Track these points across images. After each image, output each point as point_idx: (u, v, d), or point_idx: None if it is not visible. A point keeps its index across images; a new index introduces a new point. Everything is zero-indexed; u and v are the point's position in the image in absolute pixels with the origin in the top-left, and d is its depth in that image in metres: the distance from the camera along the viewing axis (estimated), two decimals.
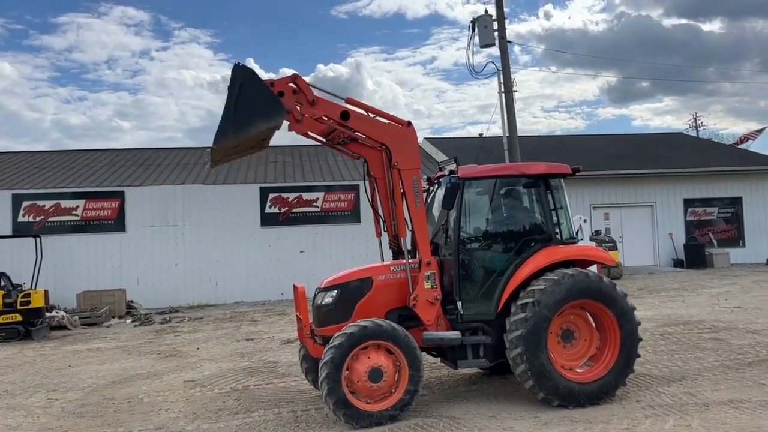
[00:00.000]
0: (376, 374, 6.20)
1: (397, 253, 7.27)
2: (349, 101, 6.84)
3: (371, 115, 6.87)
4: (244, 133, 6.34)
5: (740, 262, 22.95)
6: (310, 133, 6.84)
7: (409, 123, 6.83)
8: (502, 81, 20.05)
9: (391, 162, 6.76)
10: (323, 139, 7.06)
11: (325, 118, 6.64)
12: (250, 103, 6.27)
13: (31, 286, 14.33)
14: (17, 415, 7.42)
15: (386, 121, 6.87)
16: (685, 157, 25.44)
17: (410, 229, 6.88)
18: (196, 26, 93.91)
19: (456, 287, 6.77)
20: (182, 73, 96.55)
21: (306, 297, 6.99)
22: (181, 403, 7.58)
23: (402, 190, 6.77)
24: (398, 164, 6.71)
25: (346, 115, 6.65)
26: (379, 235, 7.44)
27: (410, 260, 6.93)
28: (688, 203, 23.60)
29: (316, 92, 6.68)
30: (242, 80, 6.32)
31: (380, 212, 7.30)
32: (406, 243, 7.02)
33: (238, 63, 6.41)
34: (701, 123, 53.81)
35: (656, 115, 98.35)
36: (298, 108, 6.56)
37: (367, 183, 7.30)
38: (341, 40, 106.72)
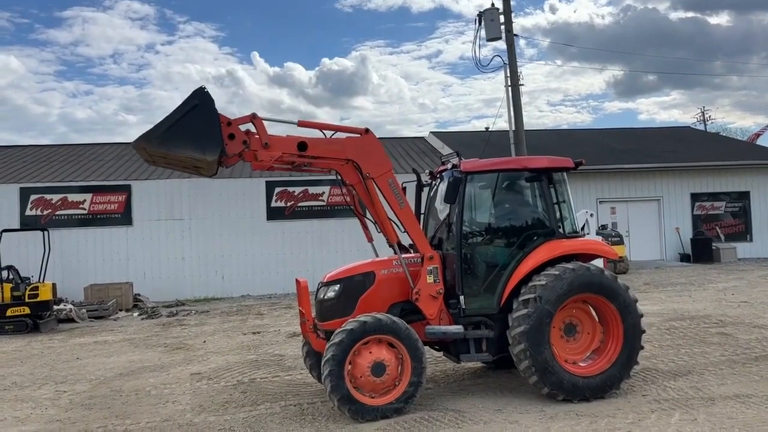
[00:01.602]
0: (378, 368, 6.23)
1: (399, 248, 7.28)
2: (301, 124, 6.72)
3: (328, 134, 6.76)
4: (167, 148, 6.16)
5: (747, 257, 22.85)
6: (275, 165, 6.68)
7: (367, 130, 6.74)
8: (508, 74, 19.98)
9: (362, 174, 6.69)
10: (289, 167, 6.95)
11: (284, 155, 6.48)
12: (191, 127, 6.07)
13: (39, 279, 14.44)
14: (26, 407, 7.49)
15: (344, 134, 6.74)
16: (692, 151, 25.29)
17: (403, 230, 6.91)
18: (200, 20, 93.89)
19: (458, 282, 6.78)
20: (187, 67, 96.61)
21: (309, 291, 7.01)
22: (188, 396, 7.63)
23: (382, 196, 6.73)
24: (370, 174, 6.66)
25: (303, 145, 6.51)
26: (370, 240, 7.44)
27: (411, 255, 6.94)
28: (696, 197, 23.49)
29: (272, 127, 6.51)
30: (198, 103, 6.13)
31: (368, 216, 7.23)
32: (395, 243, 6.97)
33: (203, 87, 6.24)
34: (709, 117, 53.58)
35: (663, 109, 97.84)
36: (250, 151, 6.32)
37: (345, 194, 7.21)
38: (346, 33, 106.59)
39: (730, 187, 23.69)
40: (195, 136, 6.09)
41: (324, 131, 6.79)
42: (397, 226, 6.93)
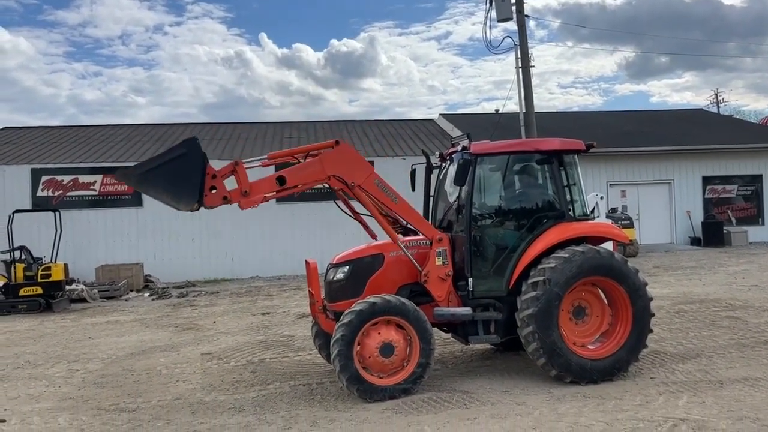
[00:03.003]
0: (387, 349, 6.26)
1: (407, 232, 7.28)
2: (271, 157, 6.65)
3: (300, 158, 6.71)
4: (143, 189, 6.17)
5: (759, 241, 22.70)
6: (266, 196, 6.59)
7: (337, 141, 6.65)
8: (519, 56, 19.79)
9: (348, 185, 6.65)
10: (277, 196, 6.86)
11: (266, 196, 6.45)
12: (171, 175, 6.02)
13: (51, 259, 14.59)
14: (39, 385, 7.60)
15: (316, 152, 6.67)
16: (704, 134, 25.03)
17: (406, 224, 6.92)
18: (209, 1, 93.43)
19: (467, 264, 6.78)
20: (196, 49, 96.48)
21: (318, 272, 7.04)
22: (198, 375, 7.72)
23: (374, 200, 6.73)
24: (355, 183, 6.62)
25: (282, 179, 6.44)
26: (374, 237, 7.45)
27: (419, 237, 6.95)
28: (707, 181, 23.31)
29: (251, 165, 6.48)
30: (186, 152, 6.05)
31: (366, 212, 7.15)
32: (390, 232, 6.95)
33: (196, 138, 6.17)
34: (722, 99, 52.87)
35: (675, 91, 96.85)
36: (231, 198, 6.26)
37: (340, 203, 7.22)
38: (354, 14, 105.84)
39: (743, 171, 23.47)
40: (173, 184, 6.06)
41: (296, 155, 6.77)
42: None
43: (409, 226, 7.16)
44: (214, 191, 6.22)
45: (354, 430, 5.55)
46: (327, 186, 6.80)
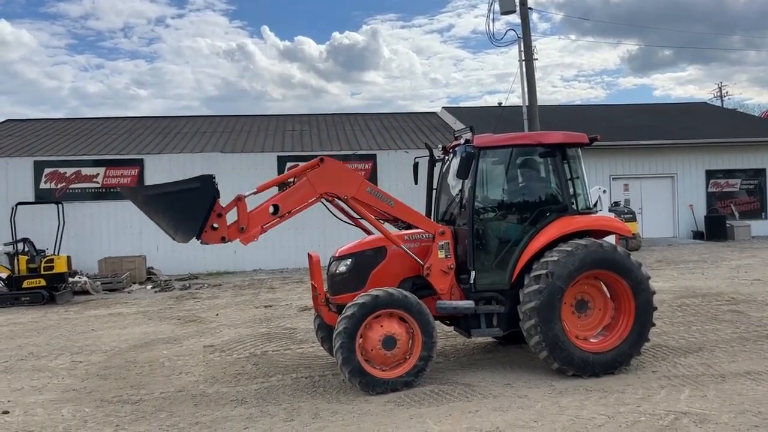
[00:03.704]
0: (389, 342, 6.27)
1: (410, 225, 7.27)
2: (260, 189, 6.60)
3: (290, 182, 6.67)
4: (145, 211, 6.17)
5: (762, 235, 22.64)
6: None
7: (322, 159, 6.59)
8: (522, 49, 19.71)
9: (341, 199, 6.65)
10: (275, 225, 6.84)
11: (264, 227, 6.47)
12: (177, 206, 6.01)
13: (54, 251, 14.61)
14: (43, 377, 7.63)
15: (303, 173, 6.62)
16: (708, 128, 24.95)
17: (405, 224, 6.94)
18: None
19: (470, 257, 6.77)
20: (198, 41, 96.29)
21: (321, 265, 7.04)
22: (201, 367, 7.74)
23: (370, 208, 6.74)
24: (348, 196, 6.62)
25: (276, 207, 6.43)
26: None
27: (421, 230, 6.95)
28: (711, 174, 23.24)
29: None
30: (200, 187, 6.07)
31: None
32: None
33: (213, 177, 6.18)
34: (726, 93, 52.69)
35: (679, 84, 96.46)
36: (229, 237, 6.30)
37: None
38: (357, 7, 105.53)
39: (746, 164, 23.40)
40: (177, 215, 6.06)
41: (286, 180, 6.74)
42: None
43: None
44: (214, 229, 6.21)
45: (356, 422, 5.57)
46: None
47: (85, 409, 6.31)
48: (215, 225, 6.21)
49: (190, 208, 6.06)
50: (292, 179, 6.77)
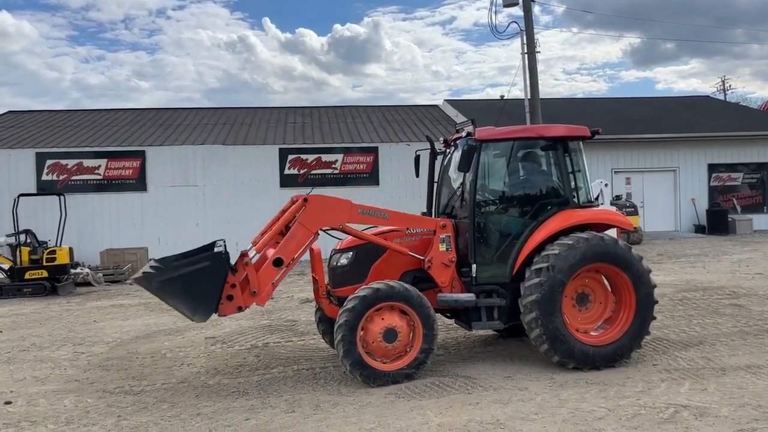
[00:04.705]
0: (390, 334, 6.29)
1: None
2: (259, 249, 6.67)
3: (284, 228, 6.68)
4: (161, 297, 6.27)
5: (763, 229, 22.62)
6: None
7: (305, 198, 6.62)
8: (524, 41, 19.64)
9: (337, 229, 6.74)
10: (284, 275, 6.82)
11: (273, 283, 6.51)
12: (193, 288, 6.07)
13: (56, 243, 14.64)
14: (45, 367, 7.66)
15: (294, 218, 6.64)
16: (710, 121, 24.86)
17: (407, 230, 6.98)
18: None
19: (471, 250, 6.78)
20: (199, 33, 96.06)
21: (322, 258, 7.05)
22: (202, 359, 7.77)
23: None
24: (342, 224, 6.69)
25: (279, 261, 6.47)
26: None
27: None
28: (713, 168, 23.17)
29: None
30: (213, 263, 6.20)
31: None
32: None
33: (223, 254, 6.29)
34: (729, 86, 52.46)
35: (681, 78, 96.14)
36: (245, 306, 6.40)
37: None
38: None
39: (748, 158, 23.32)
40: (192, 297, 6.14)
41: (280, 229, 6.74)
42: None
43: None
44: (230, 299, 6.32)
45: (357, 414, 5.59)
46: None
47: (87, 399, 6.34)
48: (231, 295, 6.32)
49: (204, 288, 6.17)
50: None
